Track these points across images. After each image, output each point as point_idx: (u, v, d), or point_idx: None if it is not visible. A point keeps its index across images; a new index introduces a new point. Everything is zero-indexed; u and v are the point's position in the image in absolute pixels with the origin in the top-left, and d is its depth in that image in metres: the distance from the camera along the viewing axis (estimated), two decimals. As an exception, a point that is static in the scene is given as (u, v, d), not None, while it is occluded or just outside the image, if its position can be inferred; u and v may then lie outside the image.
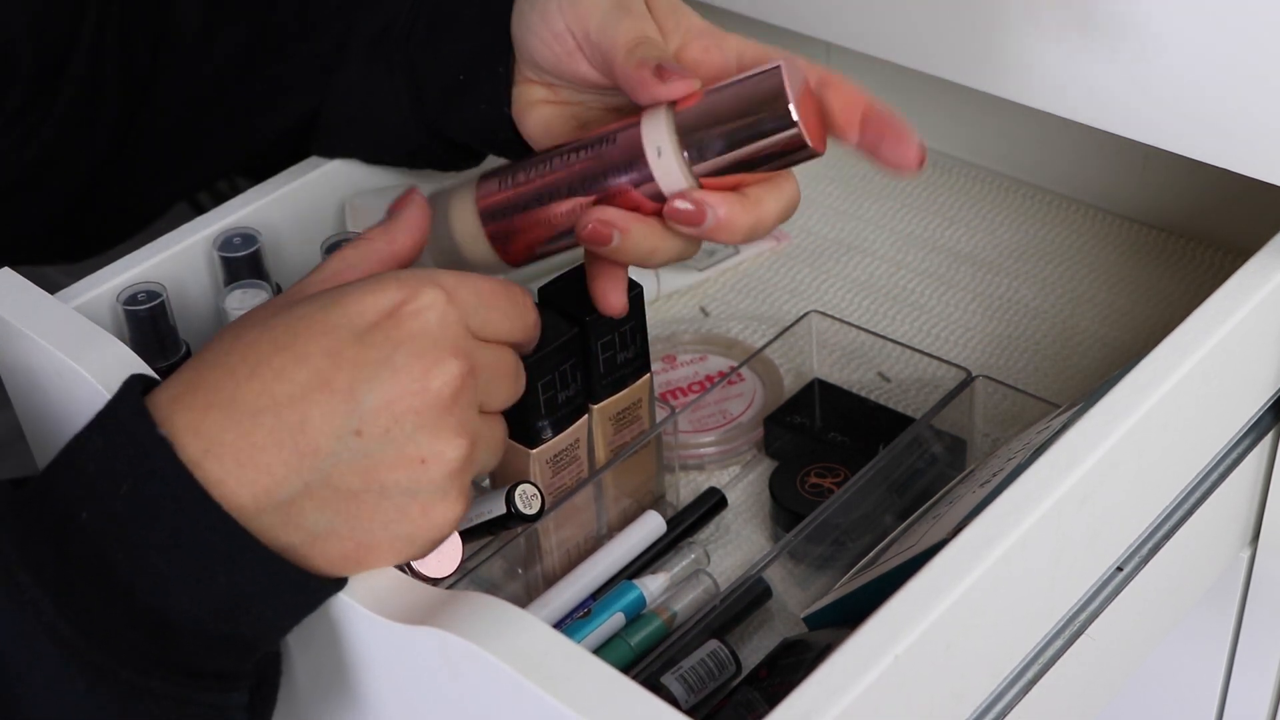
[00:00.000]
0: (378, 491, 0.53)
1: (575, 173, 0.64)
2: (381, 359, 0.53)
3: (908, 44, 0.78)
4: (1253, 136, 0.69)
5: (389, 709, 0.59)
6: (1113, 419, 0.62)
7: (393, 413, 0.53)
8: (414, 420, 0.53)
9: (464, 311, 0.55)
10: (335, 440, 0.52)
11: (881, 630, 0.54)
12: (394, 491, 0.53)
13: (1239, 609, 0.83)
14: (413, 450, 0.53)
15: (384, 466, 0.53)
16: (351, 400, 0.52)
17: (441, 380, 0.53)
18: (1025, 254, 0.99)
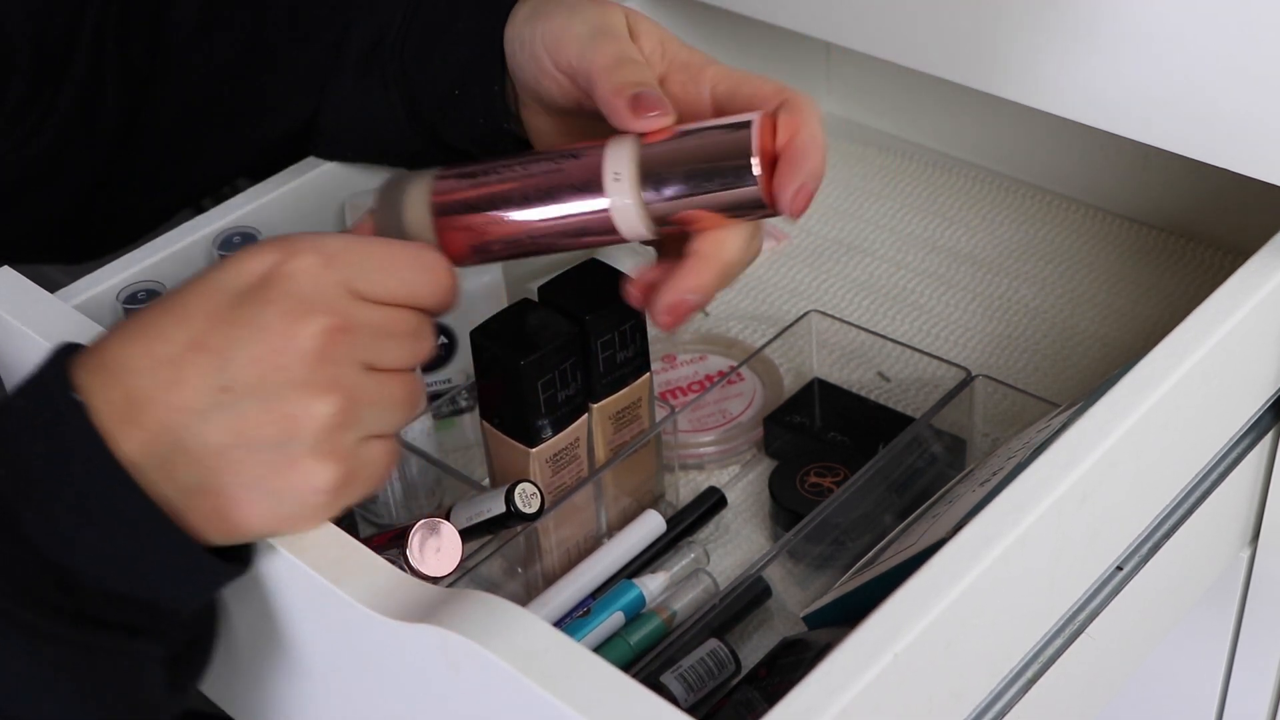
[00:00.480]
0: (245, 447, 0.54)
1: (531, 184, 0.63)
2: (251, 317, 0.54)
3: (908, 44, 0.78)
4: (1253, 136, 0.69)
5: (389, 707, 0.59)
6: (1113, 419, 0.62)
7: (260, 370, 0.54)
8: (281, 376, 0.54)
9: (347, 273, 0.56)
10: (206, 397, 0.54)
11: (881, 629, 0.54)
12: (262, 447, 0.54)
13: (1239, 609, 0.83)
14: (279, 406, 0.54)
15: (252, 423, 0.54)
16: (222, 358, 0.54)
17: (307, 336, 0.54)
18: (1025, 254, 0.99)
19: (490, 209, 0.64)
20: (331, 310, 0.55)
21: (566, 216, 0.63)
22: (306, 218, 0.82)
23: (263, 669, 0.65)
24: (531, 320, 0.71)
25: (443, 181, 0.65)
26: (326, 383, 0.55)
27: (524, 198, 0.63)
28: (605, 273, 0.73)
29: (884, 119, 1.09)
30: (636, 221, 0.62)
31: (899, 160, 1.08)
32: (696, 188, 0.61)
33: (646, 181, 0.61)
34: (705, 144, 0.61)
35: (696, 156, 0.61)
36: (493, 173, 0.65)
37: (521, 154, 0.65)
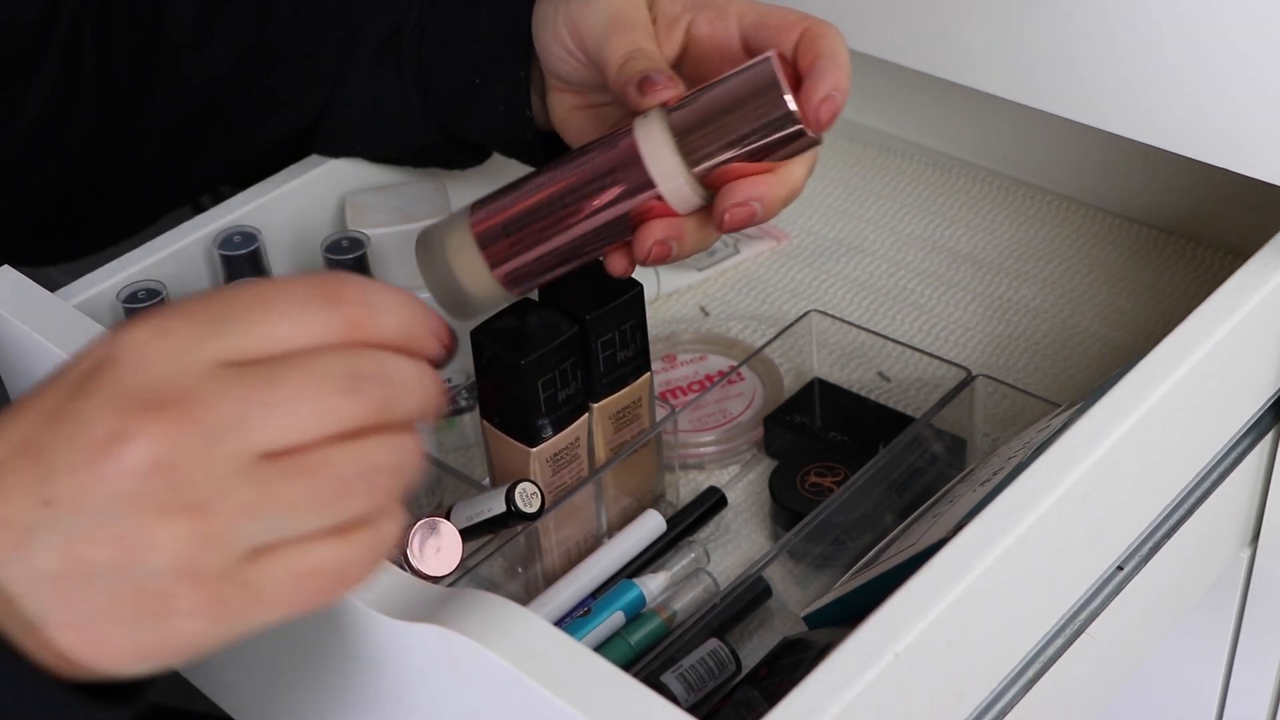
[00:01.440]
0: (84, 574, 0.44)
1: (569, 183, 0.63)
2: (75, 413, 0.44)
3: (908, 44, 0.78)
4: (1253, 136, 0.69)
5: (390, 706, 0.59)
6: (1113, 419, 0.62)
7: (78, 479, 0.43)
8: (103, 489, 0.43)
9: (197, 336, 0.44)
10: (28, 512, 0.43)
11: (881, 629, 0.54)
12: (103, 573, 0.43)
13: (1239, 609, 0.83)
14: (109, 525, 0.43)
15: (80, 543, 0.43)
16: (45, 465, 0.43)
17: (129, 442, 0.43)
18: (1025, 254, 0.99)
19: (535, 219, 0.64)
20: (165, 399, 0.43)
21: (614, 203, 0.63)
22: (306, 216, 0.82)
23: (262, 669, 0.65)
24: (531, 320, 0.71)
25: (479, 210, 0.66)
26: (162, 497, 0.43)
27: (567, 198, 0.63)
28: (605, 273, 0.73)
29: (884, 119, 1.09)
30: (685, 186, 0.62)
31: (899, 160, 1.08)
32: (733, 131, 0.61)
33: (683, 142, 0.62)
34: (730, 89, 0.61)
35: (725, 103, 0.61)
36: (526, 185, 0.65)
37: (547, 166, 0.65)
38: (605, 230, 0.63)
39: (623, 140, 0.63)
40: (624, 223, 0.63)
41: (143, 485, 0.43)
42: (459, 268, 0.65)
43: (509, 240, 0.64)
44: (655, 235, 0.63)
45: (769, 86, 0.60)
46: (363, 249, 0.75)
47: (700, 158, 0.62)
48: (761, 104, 0.61)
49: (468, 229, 0.66)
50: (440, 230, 0.67)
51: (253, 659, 0.65)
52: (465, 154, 0.80)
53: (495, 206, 0.65)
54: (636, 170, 0.62)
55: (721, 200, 0.62)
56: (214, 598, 0.44)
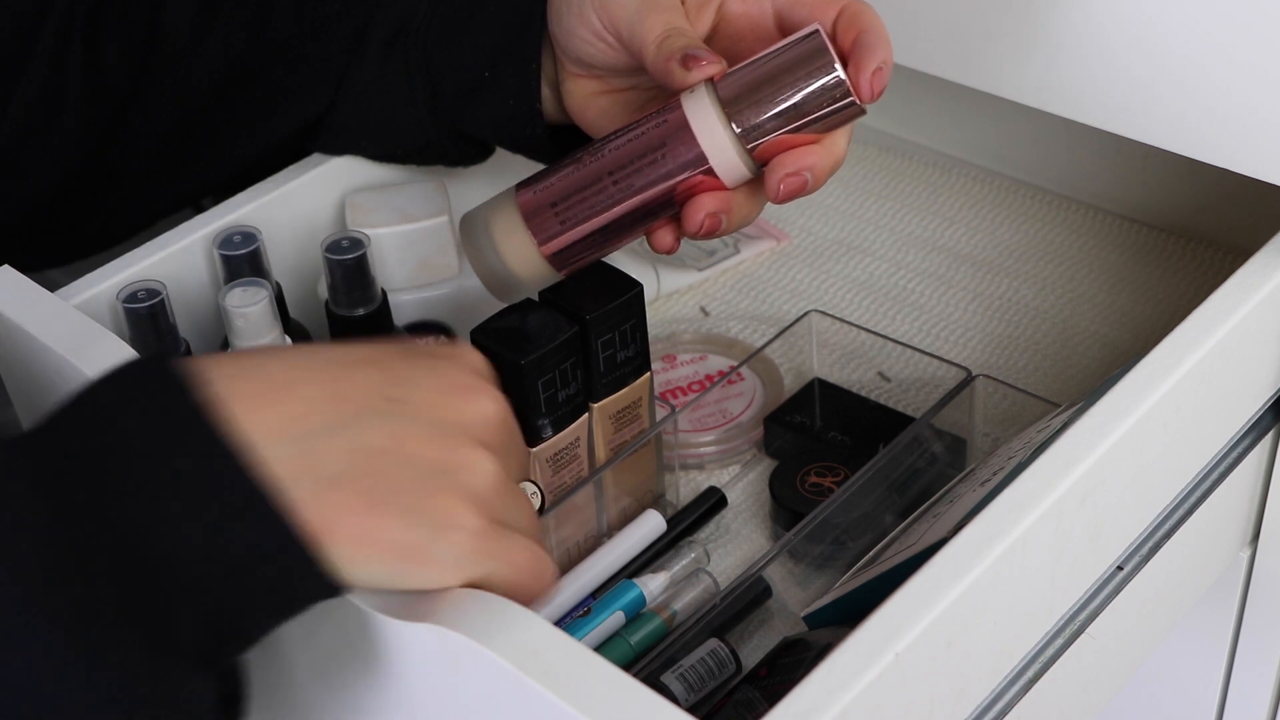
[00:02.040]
0: (400, 459, 0.51)
1: (623, 163, 0.64)
2: (431, 368, 0.53)
3: (908, 44, 0.78)
4: (1253, 136, 0.69)
5: (389, 706, 0.59)
6: (1113, 418, 0.62)
7: (434, 399, 0.52)
8: (454, 416, 0.52)
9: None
10: (374, 398, 0.51)
11: (882, 629, 0.54)
12: (418, 465, 0.51)
13: (1239, 608, 0.83)
14: (446, 438, 0.52)
15: (415, 439, 0.51)
16: (395, 377, 0.52)
17: (486, 402, 0.53)
18: (1025, 254, 0.99)
19: (583, 196, 0.64)
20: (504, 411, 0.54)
21: (664, 178, 0.63)
22: (306, 216, 0.82)
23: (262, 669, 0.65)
24: (532, 320, 0.71)
25: (525, 189, 0.66)
26: (491, 448, 0.53)
27: (616, 173, 0.64)
28: (605, 272, 0.73)
29: (884, 119, 1.09)
30: (735, 159, 0.63)
31: (899, 160, 1.08)
32: (784, 102, 0.62)
33: (733, 115, 0.62)
34: (780, 62, 0.62)
35: (775, 75, 0.62)
36: (572, 163, 0.65)
37: (595, 143, 0.66)
38: (653, 206, 0.64)
39: (672, 115, 0.63)
40: (671, 198, 0.64)
41: (480, 427, 0.53)
42: (505, 249, 0.66)
43: (557, 218, 0.64)
44: (706, 208, 0.64)
45: (820, 57, 0.61)
46: (363, 249, 0.75)
47: (751, 129, 0.62)
48: (813, 75, 0.62)
49: (514, 208, 0.66)
50: (485, 211, 0.67)
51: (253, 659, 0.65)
52: (469, 151, 0.80)
53: (542, 185, 0.66)
54: (687, 144, 0.63)
55: (774, 171, 0.63)
56: (483, 531, 0.52)
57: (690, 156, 0.63)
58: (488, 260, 0.68)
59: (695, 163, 0.63)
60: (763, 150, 0.63)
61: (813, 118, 0.62)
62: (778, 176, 0.64)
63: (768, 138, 0.63)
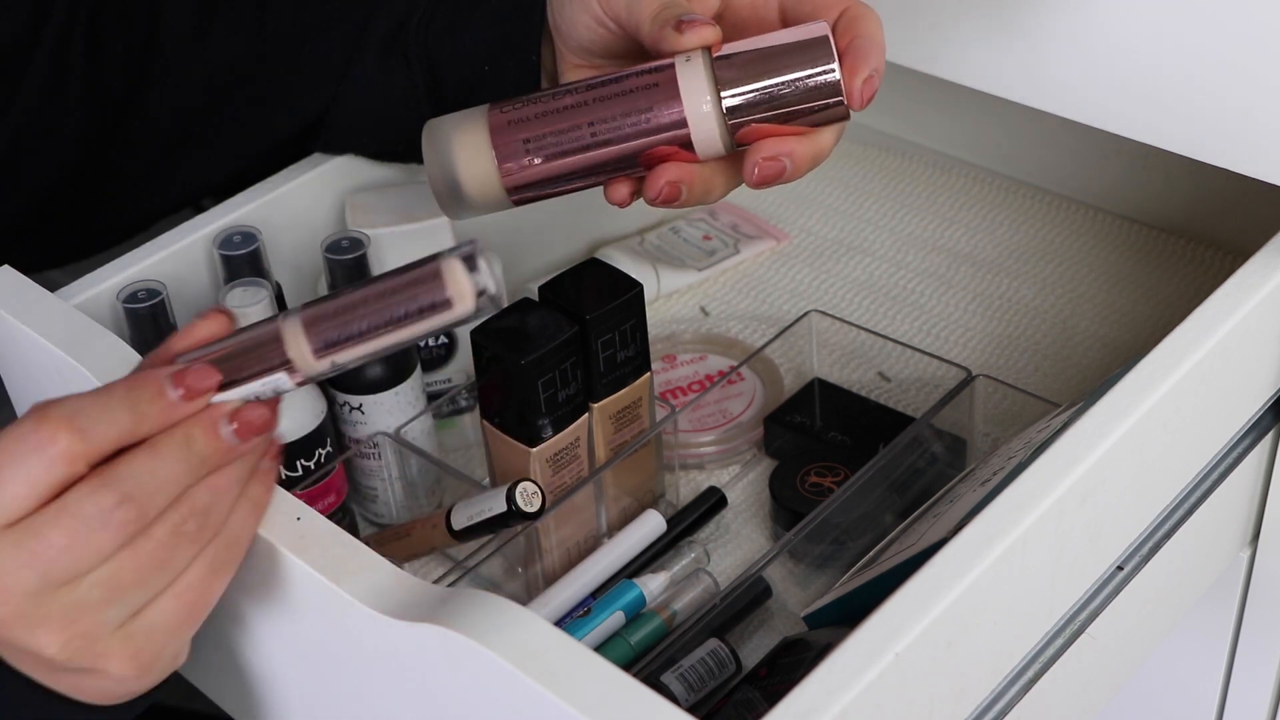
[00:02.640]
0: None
1: (604, 109, 0.63)
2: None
3: (908, 44, 0.78)
4: (1253, 136, 0.69)
5: (389, 706, 0.59)
6: (1113, 418, 0.62)
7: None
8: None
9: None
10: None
11: (882, 629, 0.54)
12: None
13: (1239, 609, 0.83)
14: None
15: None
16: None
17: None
18: (1025, 254, 0.99)
19: (556, 131, 0.63)
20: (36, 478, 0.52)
21: (641, 134, 0.63)
22: (306, 216, 0.82)
23: (262, 668, 0.65)
24: (531, 320, 0.71)
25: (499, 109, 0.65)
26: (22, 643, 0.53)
27: (594, 118, 0.63)
28: (605, 272, 0.73)
29: (884, 119, 1.09)
30: (715, 130, 0.62)
31: (899, 160, 1.08)
32: (776, 87, 0.62)
33: (723, 87, 0.62)
34: (781, 47, 0.62)
35: (773, 59, 0.62)
36: (554, 96, 0.64)
37: (578, 83, 0.65)
38: (622, 159, 0.63)
39: (663, 75, 0.63)
40: (641, 154, 0.63)
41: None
42: (464, 163, 0.64)
43: (525, 147, 0.63)
44: (669, 176, 0.64)
45: (821, 52, 0.61)
46: (363, 249, 0.75)
47: (737, 107, 0.62)
48: (810, 68, 0.61)
49: (484, 125, 0.65)
50: (454, 120, 0.66)
51: (253, 659, 0.65)
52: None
53: (517, 111, 0.64)
54: (672, 105, 0.62)
55: (753, 153, 0.63)
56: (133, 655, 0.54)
57: (671, 120, 0.62)
58: (445, 170, 0.66)
59: (675, 127, 0.62)
60: (743, 132, 0.63)
61: (800, 110, 0.62)
62: (755, 159, 0.63)
63: (751, 118, 0.62)
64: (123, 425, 0.52)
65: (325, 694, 0.62)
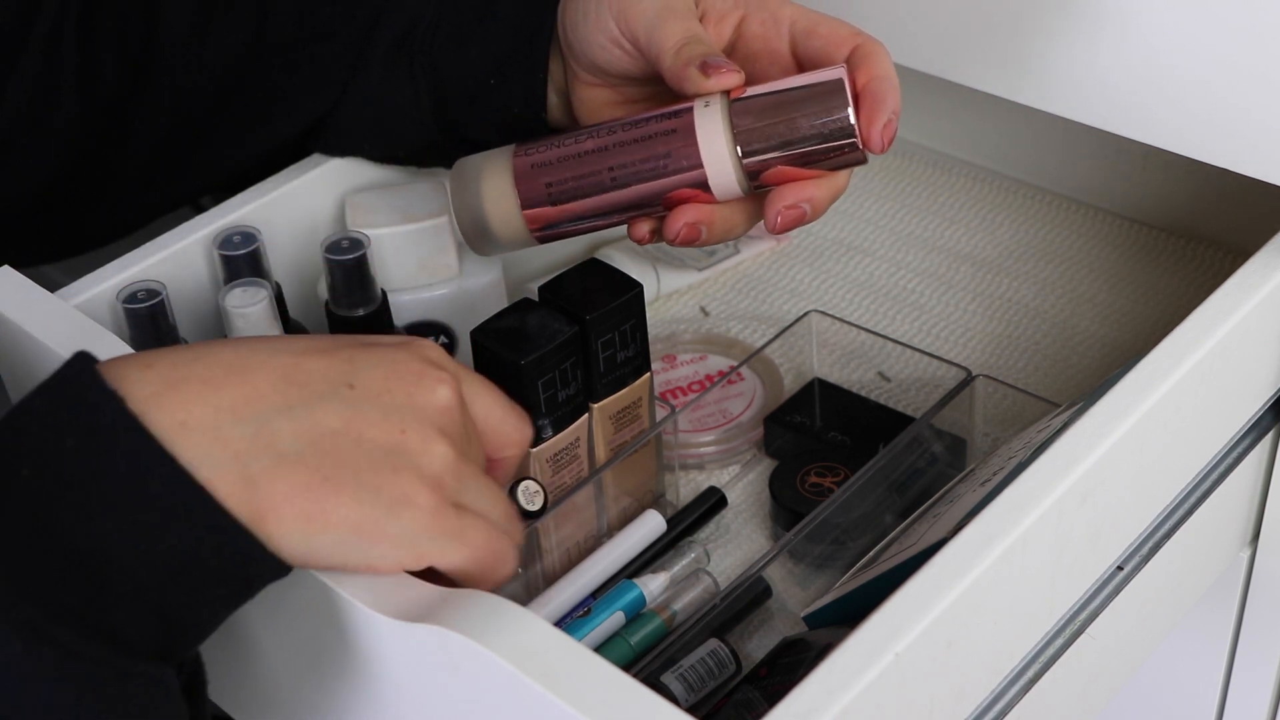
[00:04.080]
0: (355, 439, 0.52)
1: (623, 154, 0.64)
2: (382, 355, 0.55)
3: (908, 44, 0.78)
4: (1253, 136, 0.69)
5: (389, 706, 0.59)
6: (1113, 418, 0.62)
7: (387, 386, 0.54)
8: (405, 401, 0.54)
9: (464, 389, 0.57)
10: (327, 385, 0.53)
11: (882, 629, 0.54)
12: (372, 446, 0.52)
13: (1239, 609, 0.83)
14: (398, 420, 0.53)
15: (367, 421, 0.52)
16: (350, 365, 0.53)
17: (436, 387, 0.54)
18: (1025, 254, 0.99)
19: (577, 174, 0.64)
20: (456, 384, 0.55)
21: (659, 177, 0.64)
22: (306, 216, 0.82)
23: (262, 668, 0.65)
24: (531, 320, 0.71)
25: (524, 150, 0.66)
26: (445, 431, 0.54)
27: (613, 162, 0.64)
28: (605, 272, 0.73)
29: (884, 119, 1.09)
30: (732, 176, 0.63)
31: (899, 160, 1.08)
32: (793, 134, 0.62)
33: (740, 134, 0.62)
34: (797, 94, 0.62)
35: (790, 106, 0.62)
36: (575, 139, 0.65)
37: (597, 126, 0.66)
38: (641, 200, 0.64)
39: (681, 118, 0.63)
40: (661, 197, 0.64)
41: (433, 414, 0.54)
42: (490, 205, 0.66)
43: (547, 190, 0.65)
44: (688, 218, 0.65)
45: (837, 101, 0.62)
46: (363, 249, 0.75)
47: (754, 152, 0.63)
48: (827, 116, 0.62)
49: (509, 168, 0.66)
50: (480, 161, 0.68)
51: (253, 659, 0.65)
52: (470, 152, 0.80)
53: (541, 152, 0.66)
54: (690, 154, 0.63)
55: (773, 202, 0.64)
56: (437, 510, 0.53)
57: (690, 167, 0.63)
58: (471, 211, 0.69)
59: (693, 174, 0.63)
60: (762, 176, 0.64)
61: (817, 157, 0.63)
62: (777, 208, 0.64)
63: (769, 165, 0.63)
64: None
65: (325, 694, 0.62)
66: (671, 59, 0.65)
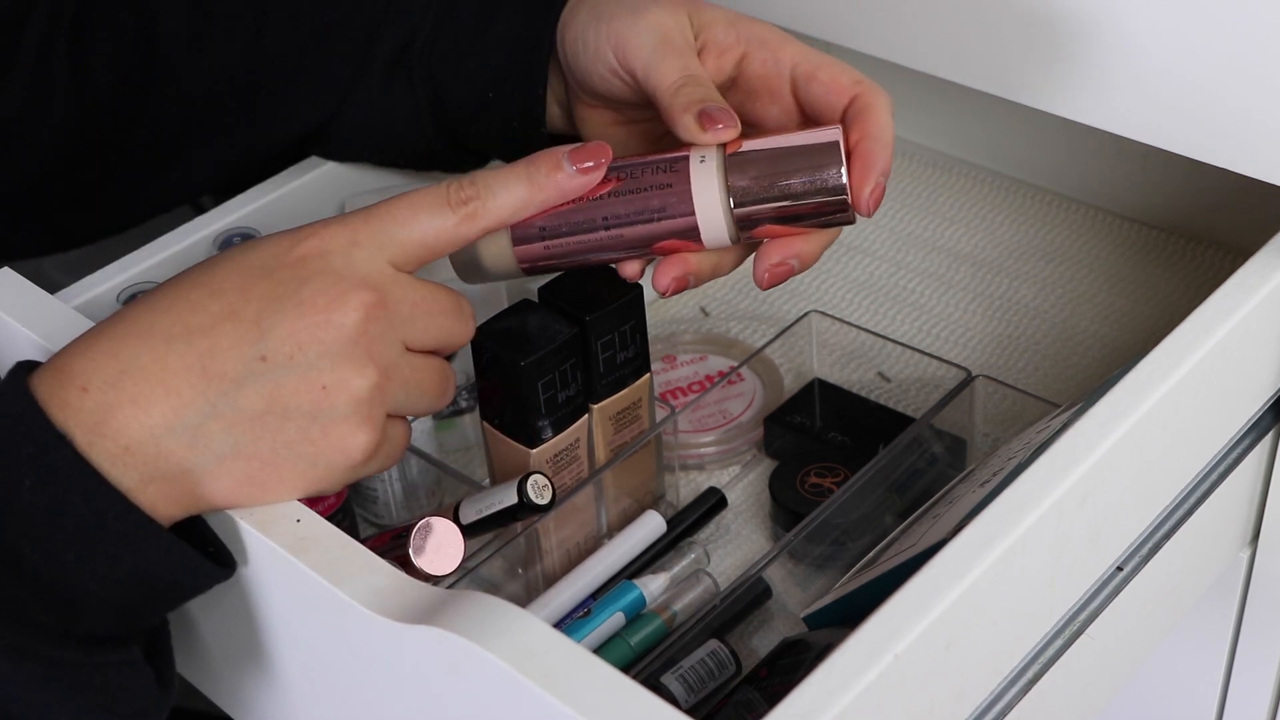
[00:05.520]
0: (280, 414, 0.56)
1: (619, 215, 0.64)
2: (287, 293, 0.56)
3: (908, 44, 0.78)
4: (1253, 136, 0.69)
5: (388, 708, 0.59)
6: (1113, 419, 0.62)
7: (296, 341, 0.55)
8: (317, 349, 0.56)
9: (379, 242, 0.57)
10: (241, 365, 0.55)
11: (881, 630, 0.54)
12: (296, 414, 0.56)
13: (1239, 609, 0.83)
14: (315, 377, 0.56)
15: (287, 391, 0.55)
16: (257, 329, 0.55)
17: (345, 313, 0.56)
18: (1025, 254, 0.99)
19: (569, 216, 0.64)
20: (368, 285, 0.56)
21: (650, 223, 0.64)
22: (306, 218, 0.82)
23: (263, 670, 0.65)
24: (531, 320, 0.71)
25: None
26: (363, 358, 0.56)
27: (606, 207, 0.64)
28: (605, 273, 0.73)
29: (884, 119, 1.09)
30: (722, 228, 0.63)
31: (900, 160, 1.08)
32: (785, 193, 0.62)
33: (735, 189, 0.62)
34: (792, 155, 0.62)
35: (784, 165, 0.62)
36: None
37: None
38: (631, 245, 0.65)
39: (677, 171, 0.63)
40: (651, 243, 0.65)
41: (347, 345, 0.56)
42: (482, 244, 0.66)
43: (540, 233, 0.65)
44: (675, 272, 0.65)
45: (832, 163, 0.62)
46: (362, 250, 0.75)
47: (746, 206, 0.63)
48: (820, 178, 0.62)
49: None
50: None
51: (253, 659, 0.65)
52: (469, 160, 0.81)
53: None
54: (684, 205, 0.63)
55: (762, 259, 0.64)
56: (374, 438, 0.57)
57: (683, 216, 0.63)
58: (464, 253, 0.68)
59: (684, 217, 0.63)
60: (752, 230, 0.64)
61: (808, 215, 0.63)
62: (765, 265, 0.64)
63: (760, 220, 0.63)
64: (519, 195, 0.60)
65: (324, 695, 0.62)
66: (669, 100, 0.64)
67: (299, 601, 0.59)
